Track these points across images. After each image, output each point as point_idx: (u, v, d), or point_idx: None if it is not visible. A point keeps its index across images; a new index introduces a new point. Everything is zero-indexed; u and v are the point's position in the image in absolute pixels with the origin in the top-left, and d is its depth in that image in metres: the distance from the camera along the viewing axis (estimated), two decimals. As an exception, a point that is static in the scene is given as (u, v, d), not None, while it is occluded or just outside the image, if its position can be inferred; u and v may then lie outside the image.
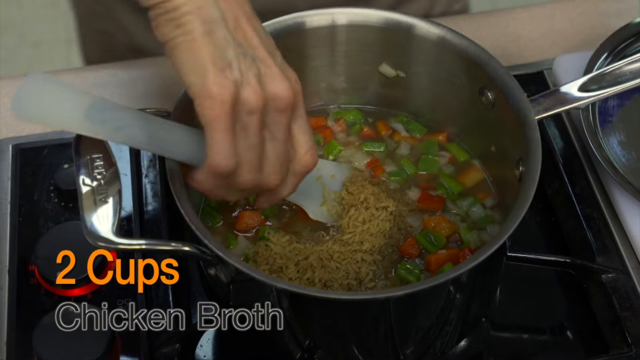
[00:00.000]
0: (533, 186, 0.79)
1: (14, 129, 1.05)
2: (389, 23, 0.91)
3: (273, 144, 0.76)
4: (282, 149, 0.77)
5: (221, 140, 0.72)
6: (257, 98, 0.72)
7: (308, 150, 0.78)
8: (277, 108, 0.74)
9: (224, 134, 0.72)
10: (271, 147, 0.76)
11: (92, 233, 0.76)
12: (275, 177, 0.77)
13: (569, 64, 1.06)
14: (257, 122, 0.73)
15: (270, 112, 0.74)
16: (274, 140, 0.76)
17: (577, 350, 0.92)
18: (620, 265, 0.93)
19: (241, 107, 0.72)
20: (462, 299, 0.83)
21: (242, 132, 0.73)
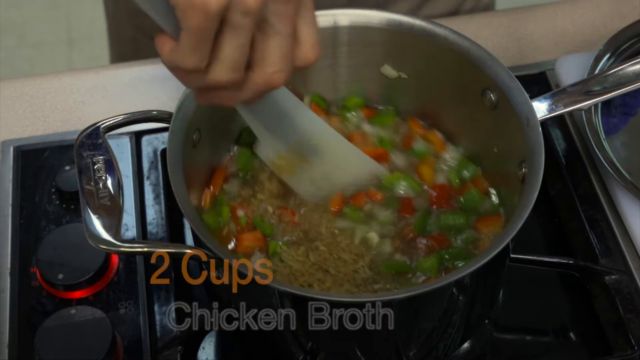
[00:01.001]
0: (536, 188, 0.79)
1: (15, 131, 1.04)
2: (391, 24, 0.91)
3: (277, 39, 0.68)
4: (287, 43, 0.69)
5: (194, 46, 0.66)
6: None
7: (313, 45, 0.71)
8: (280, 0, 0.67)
9: (200, 41, 0.65)
10: (275, 42, 0.68)
11: (94, 236, 0.76)
12: (280, 75, 0.69)
13: (571, 65, 1.06)
14: (250, 24, 0.66)
15: (272, 5, 0.67)
16: (277, 35, 0.68)
17: (581, 352, 0.91)
18: (624, 267, 0.92)
19: (233, 10, 0.65)
20: (465, 301, 0.83)
21: (230, 32, 0.66)
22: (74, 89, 1.08)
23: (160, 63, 1.09)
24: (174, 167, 0.80)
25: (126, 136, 1.02)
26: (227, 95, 0.71)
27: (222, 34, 0.66)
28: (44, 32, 2.57)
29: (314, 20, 0.71)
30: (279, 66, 0.69)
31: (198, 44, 0.66)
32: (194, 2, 0.64)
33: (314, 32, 0.71)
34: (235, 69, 0.68)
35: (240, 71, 0.68)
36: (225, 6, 0.64)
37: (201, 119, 0.86)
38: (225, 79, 0.68)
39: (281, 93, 0.79)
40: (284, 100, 0.80)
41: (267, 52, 0.68)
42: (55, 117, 1.06)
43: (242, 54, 0.67)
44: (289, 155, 0.84)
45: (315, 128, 0.83)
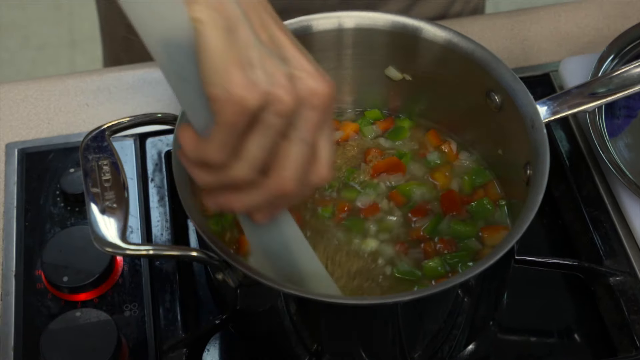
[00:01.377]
0: (542, 190, 0.79)
1: (20, 133, 1.05)
2: (395, 26, 0.91)
3: (299, 146, 0.68)
4: (307, 153, 0.69)
5: (224, 140, 0.66)
6: (290, 99, 0.65)
7: (328, 163, 0.71)
8: (312, 106, 0.67)
9: (231, 136, 0.66)
10: (297, 148, 0.68)
11: (100, 238, 0.76)
12: (294, 184, 0.69)
13: (575, 67, 1.06)
14: (281, 125, 0.66)
15: (302, 111, 0.67)
16: (300, 142, 0.68)
17: (585, 354, 0.91)
18: (628, 268, 0.92)
19: (268, 109, 0.65)
20: (470, 303, 0.83)
21: (260, 131, 0.66)
22: (78, 91, 1.08)
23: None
24: (179, 169, 0.80)
25: (130, 138, 1.02)
26: (238, 198, 0.71)
27: (251, 131, 0.66)
28: (46, 34, 2.57)
29: (332, 139, 0.71)
30: (295, 172, 0.68)
31: (228, 140, 0.66)
32: (233, 97, 0.64)
33: (331, 151, 0.71)
34: (254, 168, 0.68)
35: (256, 171, 0.68)
36: (261, 106, 0.65)
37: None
38: (245, 178, 0.68)
39: (288, 223, 0.79)
40: (289, 232, 0.79)
41: (286, 157, 0.68)
42: (59, 119, 1.06)
43: (265, 154, 0.67)
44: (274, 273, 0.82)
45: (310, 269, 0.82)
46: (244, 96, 0.64)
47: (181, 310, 0.90)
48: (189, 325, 0.91)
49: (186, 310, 0.91)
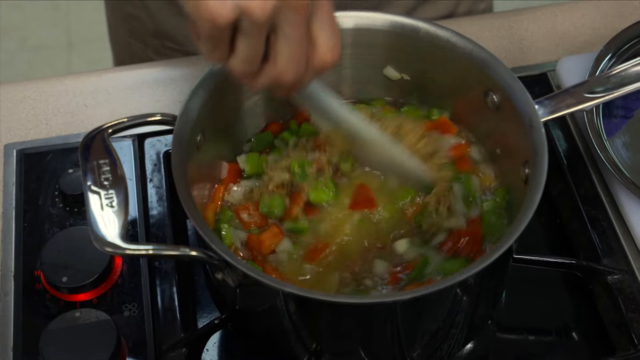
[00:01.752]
0: (540, 188, 0.79)
1: (18, 134, 1.05)
2: (394, 26, 0.91)
3: (286, 42, 0.73)
4: (297, 47, 0.74)
5: (212, 46, 0.73)
6: (261, 10, 0.70)
7: (328, 47, 0.76)
8: (290, 8, 0.71)
9: (215, 44, 0.73)
10: (284, 46, 0.73)
11: (100, 238, 0.76)
12: (288, 74, 0.75)
13: (572, 66, 1.06)
14: (259, 31, 0.72)
15: (280, 14, 0.71)
16: (286, 39, 0.73)
17: (583, 352, 0.92)
18: (626, 267, 0.93)
19: (243, 21, 0.70)
20: (468, 302, 0.83)
21: (242, 36, 0.72)
22: (77, 92, 1.09)
23: (162, 66, 1.11)
24: (178, 168, 0.81)
25: (129, 139, 1.02)
26: (248, 80, 0.77)
27: (236, 34, 0.72)
28: (43, 36, 2.57)
29: (330, 25, 0.76)
30: (288, 65, 0.74)
31: (214, 47, 0.73)
32: (203, 16, 0.70)
33: (329, 36, 0.75)
34: (247, 63, 0.74)
35: (253, 64, 0.75)
36: (235, 19, 0.70)
37: (205, 122, 0.86)
38: (241, 70, 0.75)
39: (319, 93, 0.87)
40: (323, 99, 0.87)
41: (277, 53, 0.74)
42: (57, 120, 1.06)
43: (253, 51, 0.73)
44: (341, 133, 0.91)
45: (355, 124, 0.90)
46: (213, 14, 0.69)
47: (180, 310, 0.90)
48: (188, 325, 0.91)
49: (185, 310, 0.91)
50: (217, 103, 0.87)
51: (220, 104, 0.88)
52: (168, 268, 0.92)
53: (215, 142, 0.90)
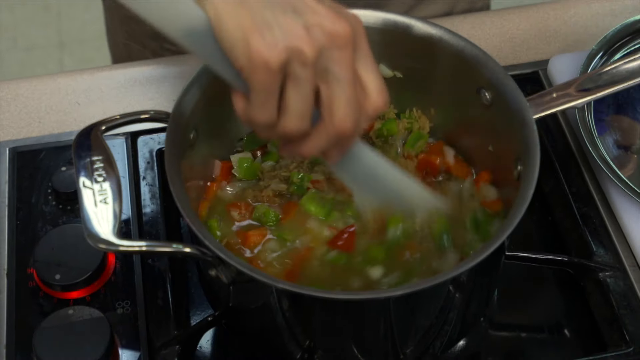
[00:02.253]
0: (532, 185, 0.79)
1: (11, 132, 1.05)
2: (387, 24, 0.91)
3: (340, 86, 0.70)
4: (351, 90, 0.71)
5: (263, 102, 0.70)
6: (310, 48, 0.68)
7: (378, 89, 0.72)
8: (336, 46, 0.69)
9: (267, 97, 0.70)
10: (338, 90, 0.70)
11: (93, 235, 0.76)
12: (348, 122, 0.71)
13: (563, 64, 1.06)
14: (310, 74, 0.69)
15: (328, 54, 0.69)
16: (339, 82, 0.70)
17: (575, 349, 0.92)
18: (617, 263, 0.93)
19: (293, 63, 0.68)
20: (461, 299, 0.84)
21: (293, 84, 0.70)
22: (69, 90, 1.09)
23: (155, 64, 1.11)
24: (171, 165, 0.81)
25: (122, 137, 1.02)
26: (304, 146, 0.75)
27: (286, 87, 0.70)
28: (35, 36, 2.56)
29: (374, 67, 0.73)
30: (346, 111, 0.71)
31: (266, 100, 0.71)
32: (256, 63, 0.68)
33: (376, 77, 0.73)
34: (302, 119, 0.71)
35: (306, 120, 0.72)
36: (286, 61, 0.68)
37: (198, 119, 0.86)
38: (294, 129, 0.72)
39: (362, 151, 0.83)
40: (367, 157, 0.83)
41: (332, 100, 0.71)
42: (50, 118, 1.06)
43: (306, 103, 0.71)
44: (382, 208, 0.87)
45: (402, 186, 0.86)
46: (266, 58, 0.68)
47: (173, 308, 0.90)
48: (182, 322, 0.91)
49: (178, 307, 0.91)
50: (210, 100, 0.87)
51: (213, 102, 0.88)
52: (161, 265, 0.92)
53: (209, 139, 0.90)
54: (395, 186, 0.86)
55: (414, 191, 0.88)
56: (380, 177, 0.84)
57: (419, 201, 0.88)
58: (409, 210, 0.87)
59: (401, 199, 0.87)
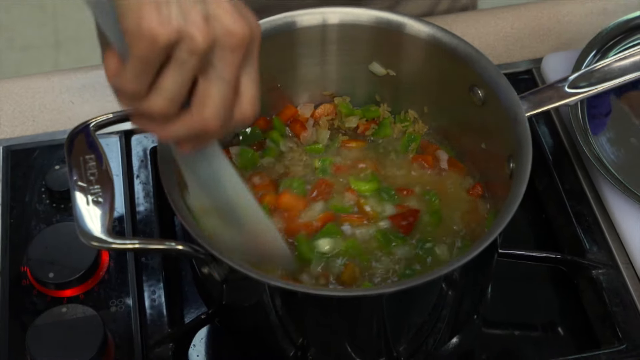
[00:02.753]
0: (524, 182, 0.79)
1: (4, 131, 1.05)
2: (379, 22, 0.91)
3: (219, 84, 0.69)
4: (228, 91, 0.69)
5: (137, 73, 0.67)
6: (203, 37, 0.66)
7: (252, 100, 0.71)
8: (228, 45, 0.67)
9: (143, 69, 0.67)
10: (216, 87, 0.69)
11: (85, 233, 0.76)
12: (215, 121, 0.70)
13: (557, 63, 1.07)
14: (194, 63, 0.67)
15: (218, 51, 0.68)
16: (219, 80, 0.69)
17: (569, 346, 0.92)
18: (610, 261, 0.93)
19: (180, 46, 0.66)
20: (453, 296, 0.84)
21: (173, 67, 0.67)
22: (63, 89, 1.09)
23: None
24: (164, 163, 0.81)
25: (116, 135, 1.02)
26: (161, 128, 0.72)
27: (166, 67, 0.67)
28: (31, 35, 2.56)
29: (255, 77, 0.71)
30: (216, 110, 0.69)
31: (142, 72, 0.67)
32: (142, 32, 0.65)
33: (254, 88, 0.71)
34: (171, 102, 0.69)
35: (175, 105, 0.69)
36: (174, 42, 0.66)
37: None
38: (160, 109, 0.69)
39: (217, 157, 0.80)
40: (218, 165, 0.80)
41: (206, 95, 0.69)
42: (44, 117, 1.06)
43: (180, 88, 0.68)
44: (213, 212, 0.83)
45: (240, 201, 0.83)
46: (154, 31, 0.65)
47: (167, 306, 0.90)
48: (175, 320, 0.91)
49: (172, 305, 0.91)
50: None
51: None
52: (155, 264, 0.93)
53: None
54: (233, 199, 0.82)
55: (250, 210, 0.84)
56: (221, 185, 0.81)
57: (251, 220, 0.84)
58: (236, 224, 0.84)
59: (233, 212, 0.83)
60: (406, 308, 0.82)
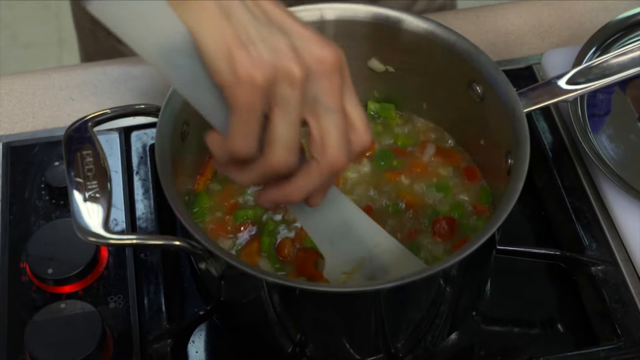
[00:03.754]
0: (522, 178, 0.79)
1: (4, 127, 1.05)
2: (377, 18, 0.91)
3: (331, 117, 0.65)
4: (343, 122, 0.66)
5: (245, 126, 0.64)
6: (298, 68, 0.63)
7: (366, 125, 0.67)
8: (324, 73, 0.64)
9: (250, 120, 0.64)
10: (330, 122, 0.65)
11: (83, 228, 0.76)
12: (342, 157, 0.65)
13: (557, 59, 1.06)
14: (299, 97, 0.64)
15: (317, 81, 0.65)
16: (330, 113, 0.65)
17: (568, 343, 0.92)
18: (610, 258, 0.93)
19: (279, 83, 0.63)
20: (452, 292, 0.84)
21: (279, 109, 0.64)
22: (63, 86, 1.09)
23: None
24: (162, 158, 0.81)
25: (115, 132, 1.02)
26: (294, 187, 0.68)
27: (272, 114, 0.65)
28: (34, 33, 2.57)
29: (358, 101, 0.68)
30: (340, 144, 0.66)
31: (248, 124, 0.64)
32: (240, 77, 0.63)
33: (362, 112, 0.68)
34: (290, 151, 0.65)
35: (295, 153, 0.66)
36: (272, 79, 0.63)
37: (190, 112, 0.86)
38: (281, 163, 0.66)
39: (342, 200, 0.76)
40: (346, 207, 0.76)
41: (324, 133, 0.66)
42: (44, 113, 1.06)
43: (295, 132, 0.65)
44: (354, 270, 0.80)
45: (381, 242, 0.79)
46: (251, 74, 0.62)
47: (166, 302, 0.90)
48: (174, 317, 0.91)
49: (171, 301, 0.91)
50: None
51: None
52: (154, 260, 0.93)
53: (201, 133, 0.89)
54: (370, 241, 0.78)
55: (390, 247, 0.80)
56: (354, 230, 0.77)
57: (395, 261, 0.80)
58: (381, 270, 0.80)
59: (374, 257, 0.79)
60: (404, 304, 0.82)
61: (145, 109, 0.87)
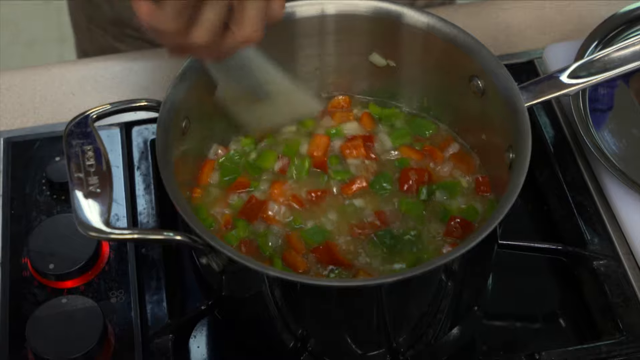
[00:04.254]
0: (523, 172, 0.79)
1: (5, 123, 1.05)
2: (378, 12, 0.91)
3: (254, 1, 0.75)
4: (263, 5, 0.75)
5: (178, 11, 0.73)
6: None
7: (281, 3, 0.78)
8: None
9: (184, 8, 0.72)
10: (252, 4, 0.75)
11: (84, 223, 0.76)
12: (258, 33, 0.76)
13: (559, 53, 1.06)
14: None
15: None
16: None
17: (569, 337, 0.92)
18: (612, 252, 0.93)
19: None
20: (453, 287, 0.83)
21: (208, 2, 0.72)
22: (64, 81, 1.09)
23: (150, 54, 1.11)
24: (163, 153, 0.81)
25: (116, 127, 1.02)
26: (203, 53, 0.77)
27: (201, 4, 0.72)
28: (36, 30, 2.57)
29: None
30: (257, 26, 0.75)
31: (182, 9, 0.72)
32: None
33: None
34: (214, 32, 0.74)
35: (217, 33, 0.74)
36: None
37: (190, 107, 0.87)
38: (205, 41, 0.74)
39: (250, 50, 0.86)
40: (251, 55, 0.86)
41: (245, 14, 0.74)
42: (45, 108, 1.06)
43: (220, 17, 0.73)
44: (244, 97, 0.90)
45: (270, 76, 0.89)
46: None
47: (167, 297, 0.90)
48: (175, 312, 0.91)
49: (172, 296, 0.91)
50: (202, 89, 0.87)
51: (205, 90, 0.88)
52: (155, 255, 0.93)
53: (201, 127, 0.90)
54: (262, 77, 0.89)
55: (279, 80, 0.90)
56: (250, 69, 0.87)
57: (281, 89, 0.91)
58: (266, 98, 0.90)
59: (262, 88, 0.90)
60: (406, 298, 0.82)
61: (146, 104, 0.86)
